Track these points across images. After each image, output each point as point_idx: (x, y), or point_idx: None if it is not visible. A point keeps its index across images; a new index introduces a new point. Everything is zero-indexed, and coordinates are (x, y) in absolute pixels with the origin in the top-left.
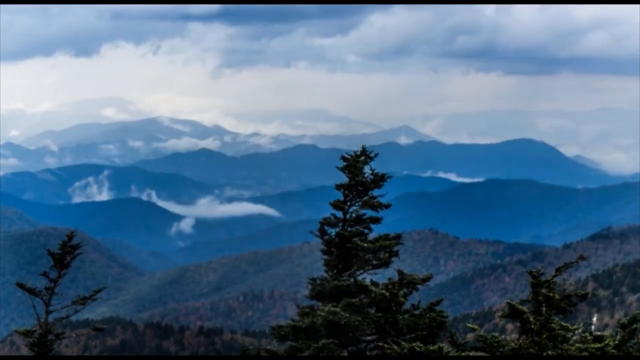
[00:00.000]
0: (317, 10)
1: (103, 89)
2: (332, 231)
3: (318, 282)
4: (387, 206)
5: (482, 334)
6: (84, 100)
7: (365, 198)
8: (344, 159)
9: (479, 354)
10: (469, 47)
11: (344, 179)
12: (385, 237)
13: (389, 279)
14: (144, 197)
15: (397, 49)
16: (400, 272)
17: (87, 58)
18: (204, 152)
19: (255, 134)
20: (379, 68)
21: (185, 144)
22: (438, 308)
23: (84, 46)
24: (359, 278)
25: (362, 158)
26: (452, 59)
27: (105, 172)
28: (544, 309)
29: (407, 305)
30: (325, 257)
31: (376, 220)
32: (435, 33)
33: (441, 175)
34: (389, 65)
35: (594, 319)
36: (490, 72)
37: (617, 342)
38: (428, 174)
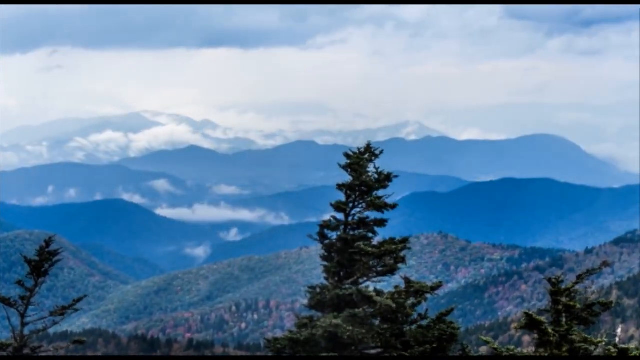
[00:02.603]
0: None
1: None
2: (333, 235)
3: (318, 290)
4: (393, 206)
5: (496, 346)
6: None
7: (369, 198)
8: (347, 156)
9: None
10: None
11: (345, 177)
12: (391, 241)
13: (396, 287)
14: (128, 198)
15: None
16: (407, 280)
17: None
18: (193, 149)
19: (248, 129)
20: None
21: (172, 139)
22: (448, 319)
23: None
24: (363, 286)
25: (367, 155)
26: None
27: (86, 171)
28: (564, 319)
29: (414, 316)
30: (326, 263)
31: (381, 223)
32: None
33: (451, 173)
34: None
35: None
36: None
37: None
38: (437, 172)
